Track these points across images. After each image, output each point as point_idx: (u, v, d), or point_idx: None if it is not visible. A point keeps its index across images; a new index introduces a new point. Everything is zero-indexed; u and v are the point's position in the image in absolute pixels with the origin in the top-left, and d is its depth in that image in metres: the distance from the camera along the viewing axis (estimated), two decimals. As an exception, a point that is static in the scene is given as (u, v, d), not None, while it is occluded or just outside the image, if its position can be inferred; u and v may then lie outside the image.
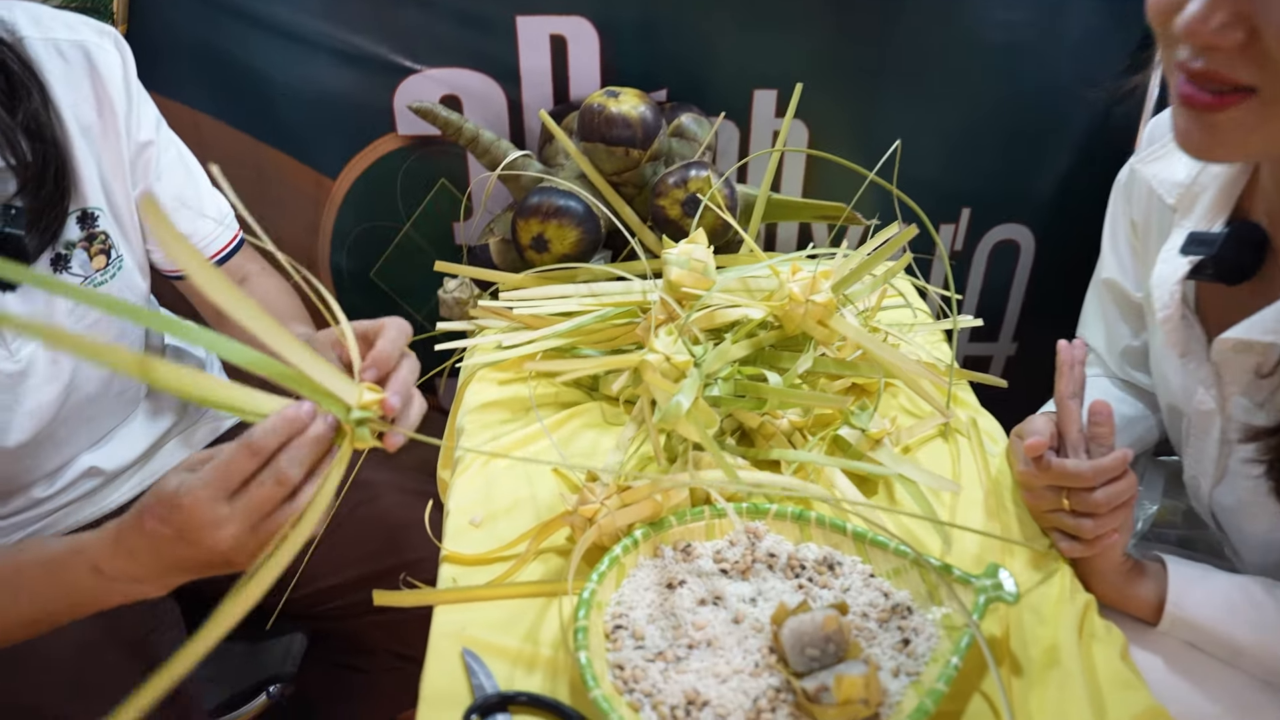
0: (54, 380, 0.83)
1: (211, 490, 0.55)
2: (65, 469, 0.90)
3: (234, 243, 1.00)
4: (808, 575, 0.72)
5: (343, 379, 0.58)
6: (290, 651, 0.98)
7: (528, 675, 0.66)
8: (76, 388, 0.86)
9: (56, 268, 0.82)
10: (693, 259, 0.86)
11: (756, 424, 0.85)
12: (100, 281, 0.86)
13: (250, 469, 0.56)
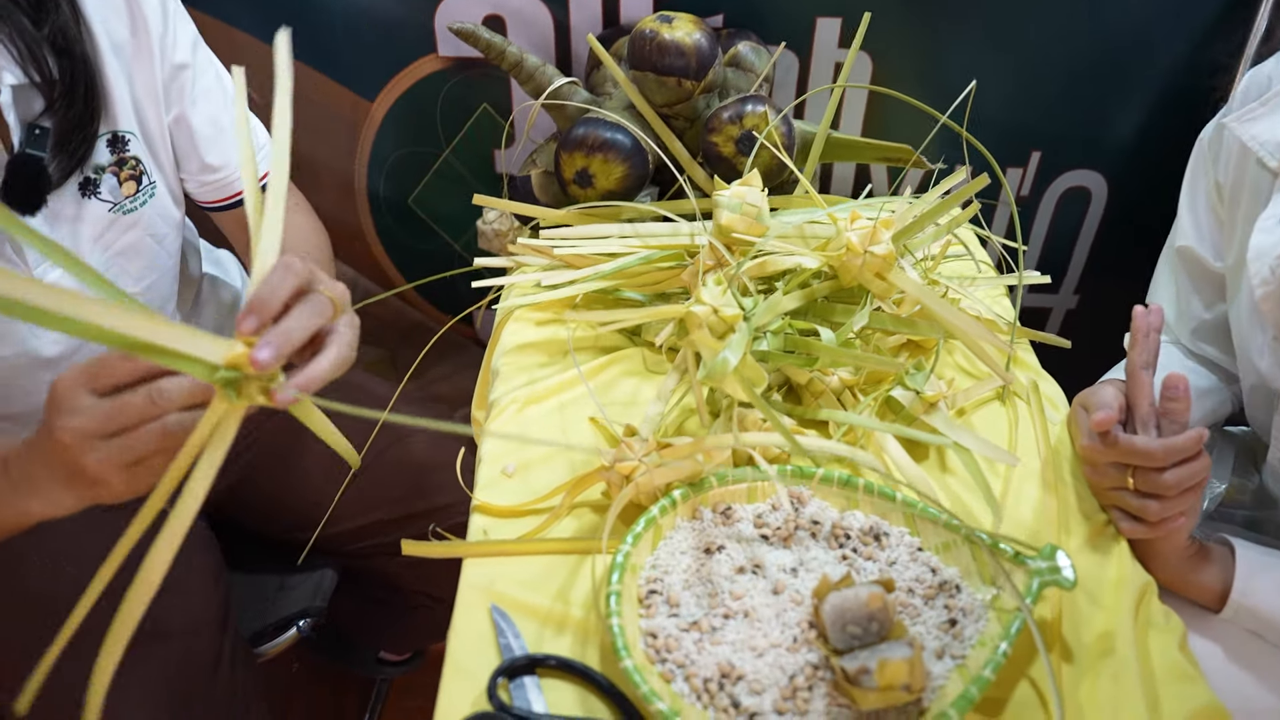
0: None
1: (79, 377, 0.50)
2: None
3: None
4: (852, 545, 0.69)
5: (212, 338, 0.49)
6: (321, 587, 0.98)
7: (556, 637, 0.64)
8: None
9: (85, 192, 0.79)
10: (746, 203, 0.81)
11: (805, 380, 0.81)
12: (130, 208, 0.83)
13: (122, 374, 0.50)
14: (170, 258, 0.91)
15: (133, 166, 0.82)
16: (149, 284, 0.88)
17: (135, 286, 0.87)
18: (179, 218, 0.90)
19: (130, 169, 0.82)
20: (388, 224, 1.35)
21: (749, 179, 0.81)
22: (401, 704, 1.36)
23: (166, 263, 0.90)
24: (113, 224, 0.82)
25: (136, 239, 0.84)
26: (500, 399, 0.84)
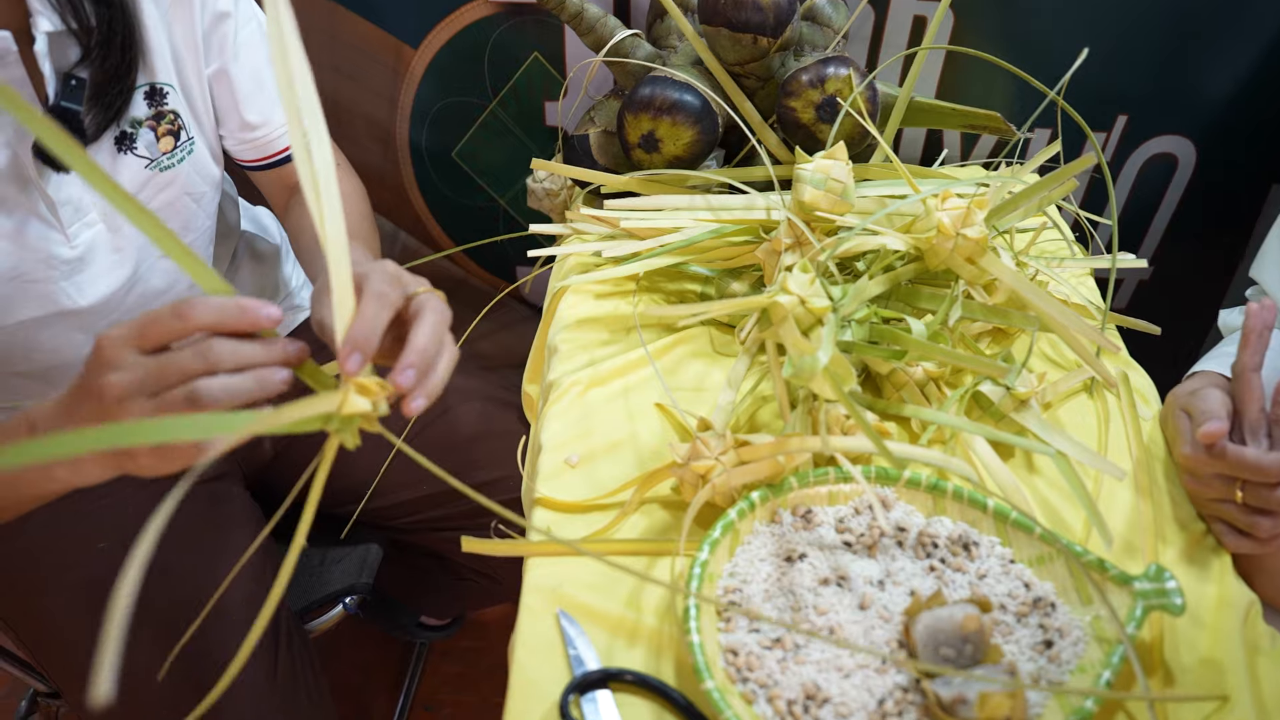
0: (116, 270, 0.77)
1: (125, 332, 0.48)
2: None
3: None
4: (940, 555, 0.65)
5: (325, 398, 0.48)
6: (366, 562, 0.96)
7: (629, 648, 0.61)
8: (141, 279, 0.80)
9: (121, 147, 0.75)
10: (831, 178, 0.75)
11: (886, 371, 0.76)
12: (168, 165, 0.78)
13: (169, 332, 0.48)
14: (208, 219, 0.86)
15: (171, 121, 0.77)
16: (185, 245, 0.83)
17: None
18: (218, 176, 0.85)
19: (168, 124, 0.77)
20: (429, 177, 1.29)
21: (834, 152, 0.75)
22: (440, 668, 1.36)
23: (204, 224, 0.85)
24: (149, 181, 0.78)
25: (174, 198, 0.80)
26: (560, 380, 0.80)
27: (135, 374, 0.47)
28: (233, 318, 0.48)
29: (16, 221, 0.70)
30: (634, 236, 0.86)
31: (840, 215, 0.76)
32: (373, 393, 0.49)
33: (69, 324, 0.77)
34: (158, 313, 0.48)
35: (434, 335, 0.54)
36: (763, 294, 0.68)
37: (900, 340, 0.70)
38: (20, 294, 0.72)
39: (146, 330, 0.48)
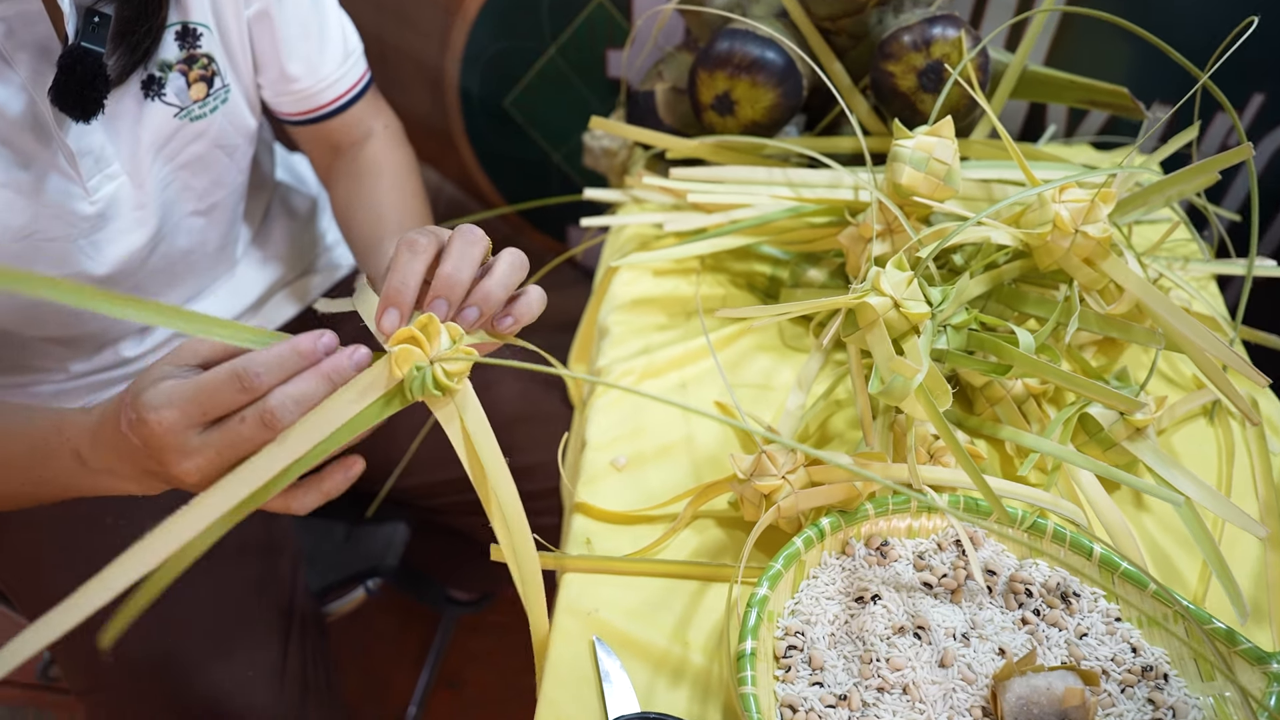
0: (139, 228, 0.70)
1: (183, 415, 0.45)
2: (156, 327, 0.79)
3: (360, 83, 0.82)
4: (1034, 606, 0.56)
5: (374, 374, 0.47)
6: (392, 543, 0.90)
7: (671, 689, 0.54)
8: (164, 238, 0.73)
9: (148, 92, 0.67)
10: (934, 159, 0.65)
11: (980, 383, 0.67)
12: (199, 115, 0.70)
13: (234, 403, 0.45)
14: (241, 174, 0.78)
15: (204, 66, 0.69)
16: (214, 203, 0.76)
17: (198, 205, 0.75)
18: (254, 128, 0.77)
19: (201, 68, 0.69)
20: (479, 127, 1.21)
21: (939, 128, 0.65)
22: (467, 644, 1.31)
23: (236, 179, 0.78)
24: (178, 131, 0.70)
25: (204, 151, 0.72)
26: (610, 368, 0.72)
27: (208, 456, 0.45)
28: (294, 367, 0.45)
29: (33, 175, 0.63)
30: (700, 210, 0.77)
31: (940, 201, 0.66)
32: (420, 340, 0.47)
33: (86, 284, 0.70)
34: (215, 385, 0.45)
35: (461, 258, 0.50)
36: (849, 291, 0.59)
37: (1004, 353, 0.61)
38: (35, 253, 0.66)
39: (208, 410, 0.45)
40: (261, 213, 0.87)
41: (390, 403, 0.47)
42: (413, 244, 0.50)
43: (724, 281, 0.79)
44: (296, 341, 0.45)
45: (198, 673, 0.72)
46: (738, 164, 0.80)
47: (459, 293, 0.49)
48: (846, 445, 0.67)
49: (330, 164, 0.84)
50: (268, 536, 0.81)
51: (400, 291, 0.49)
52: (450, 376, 0.47)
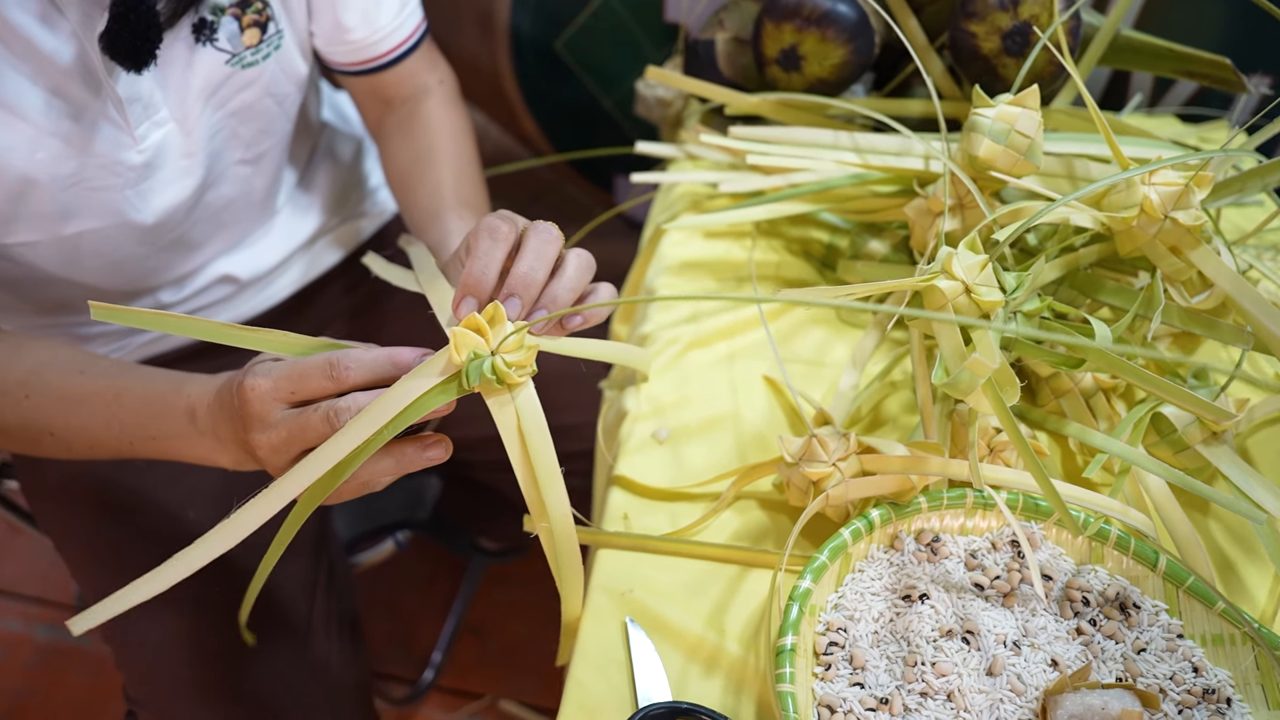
0: (186, 177, 0.68)
1: (274, 387, 0.47)
2: (196, 274, 0.77)
3: (416, 34, 0.78)
4: (1090, 616, 0.54)
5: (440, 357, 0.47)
6: (423, 497, 0.88)
7: (705, 677, 0.52)
8: (210, 187, 0.71)
9: (199, 37, 0.64)
10: (1016, 131, 0.60)
11: (1047, 373, 0.63)
12: (251, 62, 0.68)
13: (321, 391, 0.47)
14: (289, 122, 0.75)
15: (258, 11, 0.66)
16: (261, 151, 0.74)
17: (245, 153, 0.73)
18: (305, 75, 0.74)
19: (254, 13, 0.66)
20: (529, 68, 1.16)
21: (1024, 97, 0.61)
22: (494, 594, 1.31)
23: (284, 128, 0.75)
24: (229, 79, 0.67)
25: (254, 99, 0.70)
26: (656, 334, 0.69)
27: (279, 434, 0.47)
28: (384, 374, 0.47)
29: (83, 125, 0.61)
30: (758, 171, 0.73)
31: (1018, 177, 0.62)
32: (484, 329, 0.46)
33: (130, 235, 0.69)
34: (308, 369, 0.47)
35: (536, 257, 0.50)
36: (915, 269, 0.56)
37: (1078, 348, 0.57)
38: (80, 202, 0.64)
39: (297, 389, 0.47)
40: (306, 157, 0.85)
41: (447, 389, 0.46)
42: (494, 231, 0.50)
43: (778, 247, 0.75)
44: (396, 352, 0.47)
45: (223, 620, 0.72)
46: (799, 123, 0.76)
47: (534, 293, 0.49)
48: (899, 431, 0.64)
49: (381, 117, 0.81)
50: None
51: (480, 281, 0.48)
52: (511, 368, 0.46)
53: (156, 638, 0.70)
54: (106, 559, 0.73)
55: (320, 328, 0.88)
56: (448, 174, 0.73)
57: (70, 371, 0.57)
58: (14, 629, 1.35)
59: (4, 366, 0.58)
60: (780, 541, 0.58)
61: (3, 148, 0.58)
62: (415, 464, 0.49)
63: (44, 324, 0.76)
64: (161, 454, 0.57)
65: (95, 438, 0.58)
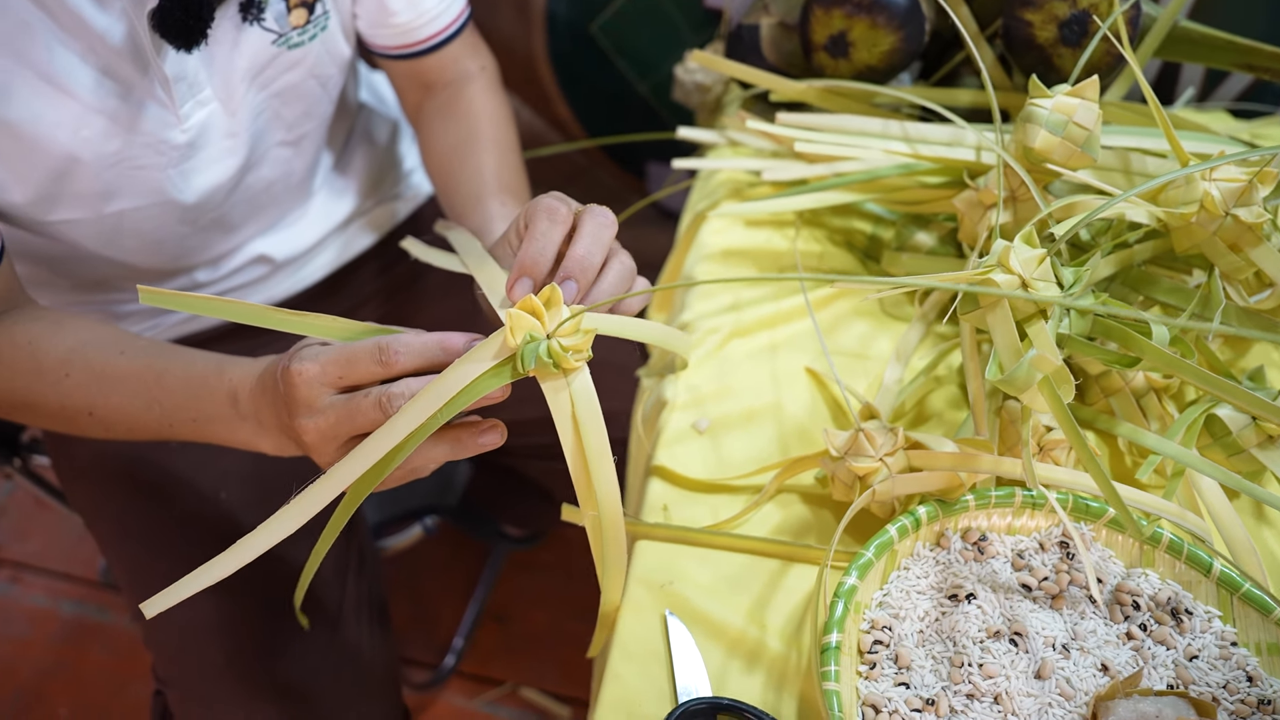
0: (228, 157, 0.68)
1: (321, 372, 0.46)
2: (232, 255, 0.77)
3: (460, 19, 0.77)
4: (1141, 620, 0.52)
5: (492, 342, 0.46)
6: (452, 483, 0.88)
7: (746, 673, 0.51)
8: (252, 168, 0.71)
9: (246, 16, 0.63)
10: (1074, 123, 0.59)
11: (1097, 371, 0.62)
12: (297, 43, 0.67)
13: (370, 374, 0.46)
14: (331, 104, 0.75)
15: None
16: (303, 134, 0.73)
17: (287, 135, 0.72)
18: (348, 58, 0.73)
19: None
20: (564, 51, 1.15)
21: (1083, 88, 0.59)
22: (516, 580, 1.30)
23: (326, 110, 0.74)
24: (274, 59, 0.66)
25: (298, 80, 0.69)
26: (696, 323, 0.68)
27: (328, 419, 0.47)
28: (434, 360, 0.46)
29: (130, 104, 0.60)
30: (802, 159, 0.72)
31: (1073, 170, 0.60)
32: (540, 311, 0.45)
33: (171, 214, 0.68)
34: (356, 353, 0.46)
35: (593, 240, 0.49)
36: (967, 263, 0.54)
37: (1133, 344, 0.55)
38: (123, 181, 0.63)
39: (346, 374, 0.46)
40: (343, 139, 0.84)
41: (501, 373, 0.45)
42: (553, 212, 0.49)
43: (820, 237, 0.74)
44: (446, 337, 0.46)
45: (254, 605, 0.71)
46: (845, 111, 0.75)
47: (590, 277, 0.48)
48: (944, 426, 0.62)
49: (420, 101, 0.80)
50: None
51: (537, 262, 0.48)
52: (567, 351, 0.45)
53: (188, 619, 0.70)
54: (138, 538, 0.73)
55: (354, 310, 0.87)
56: (490, 159, 0.72)
57: (111, 351, 0.57)
58: (40, 604, 1.36)
59: (44, 345, 0.58)
60: (822, 536, 0.57)
61: (49, 124, 0.58)
62: (470, 449, 0.48)
63: (81, 300, 0.76)
64: (201, 437, 0.57)
65: (135, 419, 0.57)
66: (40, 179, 0.60)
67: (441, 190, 0.75)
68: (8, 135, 0.57)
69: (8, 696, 1.26)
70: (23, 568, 1.40)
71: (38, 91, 0.56)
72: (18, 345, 0.58)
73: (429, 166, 0.78)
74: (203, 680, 0.69)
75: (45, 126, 0.57)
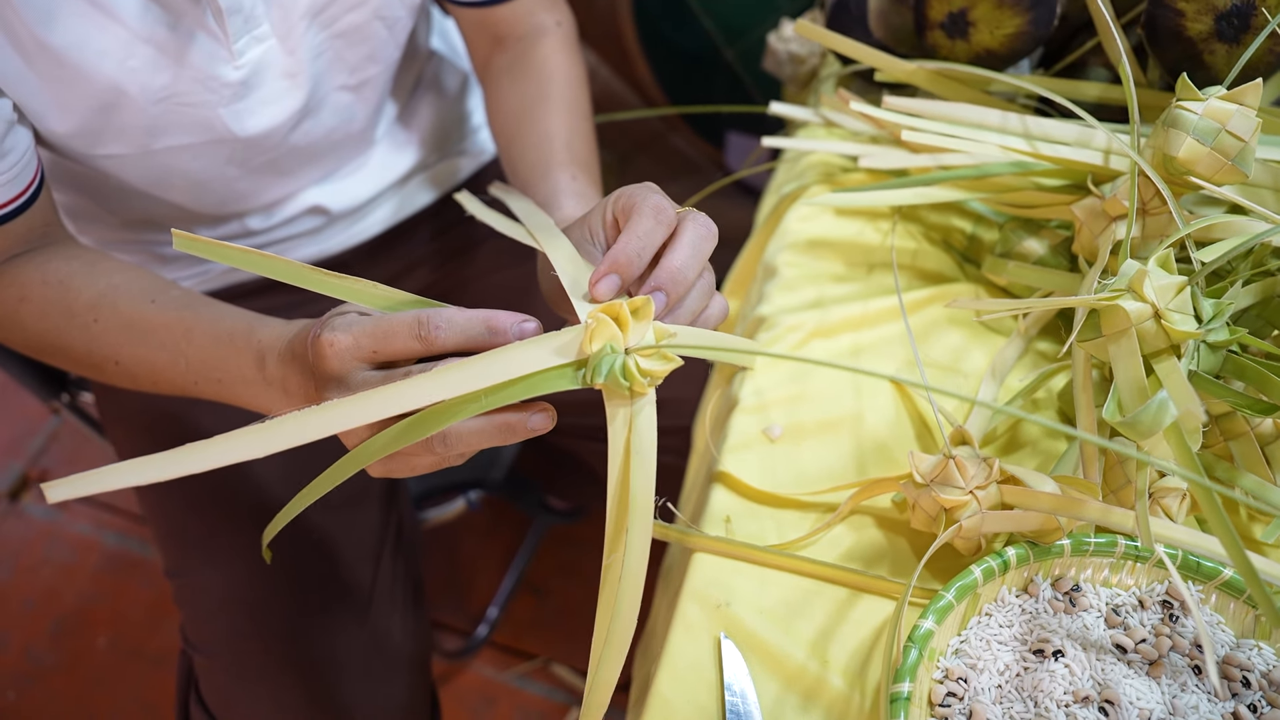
0: (285, 98, 0.64)
1: (355, 344, 0.43)
2: (286, 203, 0.73)
3: None
4: (1250, 700, 0.47)
5: (557, 335, 0.41)
6: (499, 457, 0.85)
7: (802, 710, 0.47)
8: (311, 113, 0.67)
9: None
10: (1227, 131, 0.52)
11: (1220, 411, 0.56)
12: None
13: (407, 350, 0.42)
14: (397, 49, 0.70)
15: None
16: (366, 79, 0.69)
17: (349, 79, 0.68)
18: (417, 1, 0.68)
19: None
20: (648, 8, 1.09)
21: (1243, 93, 0.52)
22: (555, 553, 1.28)
23: (391, 55, 0.70)
24: None
25: (362, 21, 0.64)
26: (775, 318, 0.63)
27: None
28: (477, 338, 0.42)
29: (179, 33, 0.57)
30: (906, 148, 0.66)
31: (1219, 185, 0.54)
32: (625, 321, 0.41)
33: (221, 153, 0.65)
34: (393, 326, 0.42)
35: (694, 255, 0.45)
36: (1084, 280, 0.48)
37: (1273, 389, 0.49)
38: (172, 117, 0.60)
39: (380, 348, 0.43)
40: (410, 87, 0.79)
41: (564, 375, 0.41)
42: (660, 212, 0.44)
43: (915, 233, 0.68)
44: (492, 316, 0.42)
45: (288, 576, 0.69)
46: (956, 97, 0.68)
47: (680, 293, 0.44)
48: (1039, 457, 0.57)
49: (489, 56, 0.74)
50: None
51: (633, 262, 0.43)
52: (644, 375, 0.40)
53: (221, 588, 0.68)
54: (172, 493, 0.71)
55: (407, 270, 0.83)
56: (560, 125, 0.67)
57: (142, 299, 0.54)
58: (85, 532, 1.37)
59: (76, 285, 0.55)
60: (896, 566, 0.52)
61: (95, 52, 0.54)
62: (517, 434, 0.43)
63: (128, 239, 0.73)
64: (225, 398, 0.54)
65: (160, 372, 0.55)
66: (86, 110, 0.57)
67: (506, 155, 0.70)
68: (52, 61, 0.54)
69: (51, 621, 1.28)
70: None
71: (82, 15, 0.53)
72: (49, 284, 0.55)
73: (494, 128, 0.73)
74: (231, 650, 0.67)
75: (91, 54, 0.54)
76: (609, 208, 0.47)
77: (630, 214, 0.45)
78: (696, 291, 0.45)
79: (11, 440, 1.48)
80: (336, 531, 0.71)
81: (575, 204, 0.60)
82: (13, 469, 1.45)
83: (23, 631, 1.27)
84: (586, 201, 0.61)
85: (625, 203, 0.46)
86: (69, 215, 0.73)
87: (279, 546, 0.69)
